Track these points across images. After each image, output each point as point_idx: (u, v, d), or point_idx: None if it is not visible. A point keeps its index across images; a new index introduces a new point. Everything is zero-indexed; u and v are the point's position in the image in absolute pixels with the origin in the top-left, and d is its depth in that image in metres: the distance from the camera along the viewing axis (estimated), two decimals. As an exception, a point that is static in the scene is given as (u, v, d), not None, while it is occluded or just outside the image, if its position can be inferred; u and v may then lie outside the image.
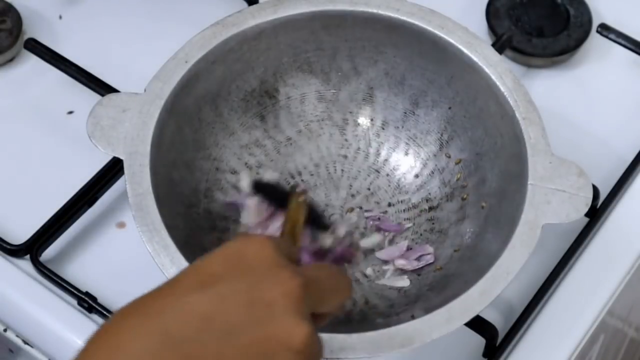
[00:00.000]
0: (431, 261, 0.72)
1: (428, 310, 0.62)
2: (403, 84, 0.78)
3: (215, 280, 0.47)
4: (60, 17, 0.91)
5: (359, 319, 0.69)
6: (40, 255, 0.74)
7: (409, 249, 0.73)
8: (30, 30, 0.89)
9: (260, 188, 0.70)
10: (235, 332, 0.45)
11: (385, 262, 0.73)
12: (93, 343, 0.45)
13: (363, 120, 0.79)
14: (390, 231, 0.74)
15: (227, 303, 0.46)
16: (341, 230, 0.70)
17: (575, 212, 0.66)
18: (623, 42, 0.88)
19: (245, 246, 0.48)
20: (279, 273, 0.47)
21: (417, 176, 0.77)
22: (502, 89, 0.71)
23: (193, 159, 0.74)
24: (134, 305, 0.47)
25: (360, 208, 0.76)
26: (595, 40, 0.89)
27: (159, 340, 0.44)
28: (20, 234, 0.75)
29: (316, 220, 0.68)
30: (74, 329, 0.72)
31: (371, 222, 0.75)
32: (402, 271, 0.72)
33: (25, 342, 0.74)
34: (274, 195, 0.69)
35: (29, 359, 0.74)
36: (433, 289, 0.70)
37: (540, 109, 0.70)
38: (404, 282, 0.72)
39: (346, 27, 0.76)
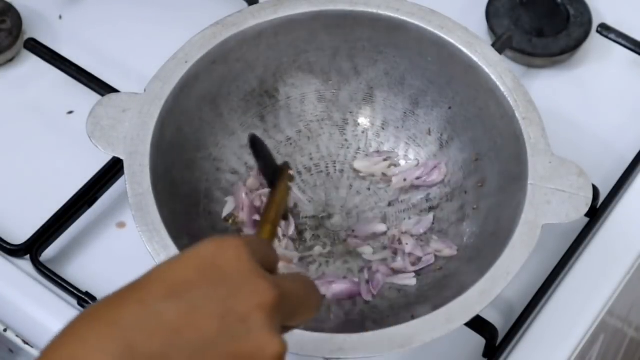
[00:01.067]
0: (431, 262, 0.72)
1: (428, 310, 0.62)
2: (403, 84, 0.78)
3: (186, 289, 0.43)
4: (60, 17, 0.91)
5: (359, 319, 0.69)
6: (40, 255, 0.74)
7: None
8: (30, 30, 0.89)
9: (255, 145, 0.65)
10: (206, 346, 0.42)
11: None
12: (50, 351, 0.42)
13: (363, 120, 0.79)
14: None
15: (198, 314, 0.43)
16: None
17: (575, 212, 0.67)
18: (623, 42, 0.88)
19: (220, 251, 0.45)
20: (255, 283, 0.44)
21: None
22: (502, 89, 0.71)
23: (193, 159, 0.74)
24: (95, 310, 0.44)
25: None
26: (595, 40, 0.89)
27: (122, 354, 0.41)
28: (20, 234, 0.75)
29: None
30: (74, 329, 0.72)
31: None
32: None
33: (25, 342, 0.74)
34: (264, 161, 0.64)
35: (29, 359, 0.74)
36: (433, 289, 0.70)
37: (540, 109, 0.70)
38: (410, 280, 0.72)
39: (346, 27, 0.76)
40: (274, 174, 0.63)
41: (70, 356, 0.41)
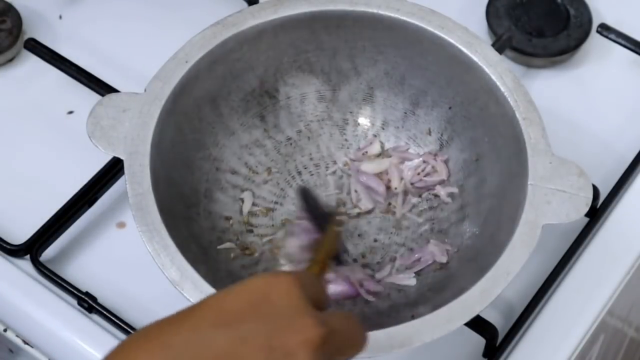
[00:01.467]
0: (430, 262, 0.72)
1: (428, 310, 0.62)
2: (403, 84, 0.78)
3: (236, 320, 0.45)
4: (60, 17, 0.91)
5: (359, 319, 0.69)
6: (40, 255, 0.74)
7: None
8: (30, 30, 0.89)
9: (305, 196, 0.67)
10: None
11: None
12: None
13: (363, 120, 0.79)
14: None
15: (246, 346, 0.44)
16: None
17: (575, 212, 0.66)
18: (623, 42, 0.88)
19: (272, 286, 0.46)
20: (302, 321, 0.46)
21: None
22: (502, 89, 0.71)
23: (193, 159, 0.74)
24: (149, 331, 0.45)
25: None
26: (595, 40, 0.89)
27: None
28: (20, 234, 0.75)
29: (339, 254, 0.65)
30: (74, 329, 0.72)
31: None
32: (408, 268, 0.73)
33: (25, 342, 0.74)
34: (315, 210, 0.66)
35: (29, 359, 0.74)
36: (433, 289, 0.70)
37: (540, 109, 0.70)
38: (410, 280, 0.72)
39: (346, 27, 0.76)
40: (324, 219, 0.64)
41: None
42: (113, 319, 0.71)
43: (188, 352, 0.43)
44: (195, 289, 0.62)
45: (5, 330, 0.74)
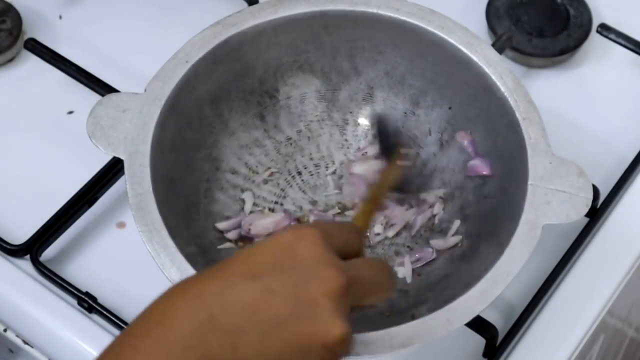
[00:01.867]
0: (433, 257, 0.73)
1: (428, 310, 0.62)
2: (403, 84, 0.78)
3: (264, 272, 0.48)
4: (60, 17, 0.91)
5: (359, 319, 0.69)
6: (40, 255, 0.74)
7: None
8: (30, 30, 0.89)
9: (381, 125, 0.71)
10: (278, 325, 0.47)
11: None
12: (146, 312, 0.48)
13: (363, 121, 0.79)
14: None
15: (273, 296, 0.47)
16: None
17: (575, 212, 0.66)
18: (623, 42, 0.88)
19: (297, 240, 0.50)
20: (324, 272, 0.49)
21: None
22: (502, 89, 0.71)
23: (193, 159, 0.74)
24: (186, 284, 0.49)
25: None
26: (595, 40, 0.89)
27: (205, 324, 0.46)
28: (20, 234, 0.75)
29: (406, 186, 0.68)
30: (74, 329, 0.72)
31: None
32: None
33: (25, 342, 0.74)
34: (387, 139, 0.69)
35: (29, 359, 0.74)
36: (433, 289, 0.70)
37: (540, 109, 0.70)
38: (403, 271, 0.72)
39: (346, 27, 0.76)
40: (391, 149, 0.67)
41: (159, 318, 0.47)
42: (113, 319, 0.71)
43: (219, 301, 0.47)
44: (195, 289, 0.62)
45: (5, 330, 0.74)
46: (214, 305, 0.47)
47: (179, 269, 0.63)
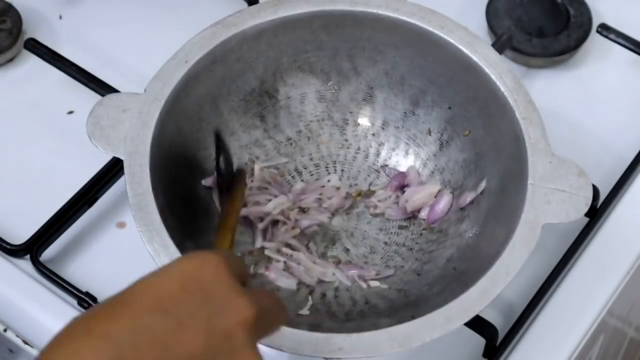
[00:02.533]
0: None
1: (428, 310, 0.62)
2: (403, 84, 0.78)
3: (173, 304, 0.45)
4: (60, 17, 0.91)
5: (359, 319, 0.69)
6: (40, 255, 0.74)
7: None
8: (30, 30, 0.89)
9: (220, 142, 0.69)
10: None
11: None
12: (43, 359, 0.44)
13: (363, 120, 0.79)
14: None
15: (186, 330, 0.44)
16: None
17: (575, 212, 0.67)
18: (623, 42, 0.88)
19: (201, 267, 0.47)
20: (236, 301, 0.47)
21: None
22: (502, 89, 0.71)
23: (193, 159, 0.74)
24: (86, 322, 0.45)
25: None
26: (595, 40, 0.89)
27: None
28: (20, 234, 0.75)
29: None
30: (74, 329, 0.72)
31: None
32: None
33: (25, 342, 0.74)
34: (225, 165, 0.67)
35: (29, 359, 0.74)
36: (433, 289, 0.70)
37: (540, 109, 0.70)
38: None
39: (346, 27, 0.76)
40: (231, 178, 0.65)
41: None
42: (113, 319, 0.71)
43: (128, 342, 0.43)
44: (195, 289, 0.62)
45: (5, 330, 0.74)
46: (123, 345, 0.43)
47: (179, 268, 0.62)
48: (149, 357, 0.43)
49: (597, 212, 0.78)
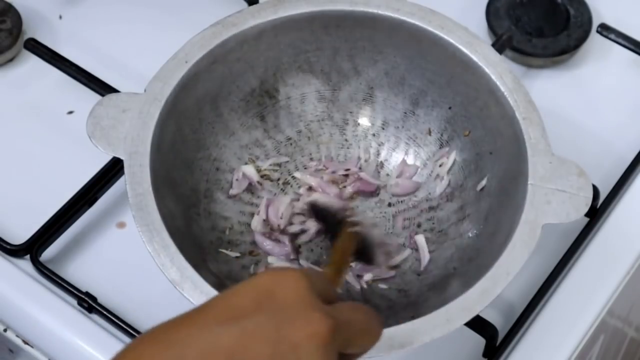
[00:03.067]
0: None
1: (428, 310, 0.62)
2: (403, 84, 0.78)
3: (242, 315, 0.45)
4: (60, 17, 0.91)
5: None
6: (40, 255, 0.74)
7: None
8: (30, 30, 0.89)
9: (316, 211, 0.68)
10: None
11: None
12: None
13: (363, 120, 0.79)
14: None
15: (252, 340, 0.44)
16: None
17: (575, 212, 0.66)
18: (623, 42, 0.88)
19: (278, 282, 0.46)
20: (309, 314, 0.45)
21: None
22: (502, 89, 0.71)
23: (193, 159, 0.74)
24: (156, 332, 0.45)
25: None
26: (595, 40, 0.89)
27: None
28: (20, 234, 0.75)
29: (367, 253, 0.65)
30: (74, 329, 0.72)
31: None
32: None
33: (25, 342, 0.74)
34: (328, 220, 0.66)
35: (29, 359, 0.74)
36: (433, 289, 0.70)
37: (540, 109, 0.70)
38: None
39: (346, 27, 0.76)
40: (337, 226, 0.63)
41: None
42: (113, 319, 0.71)
43: (193, 348, 0.44)
44: (195, 289, 0.62)
45: (5, 330, 0.74)
46: (187, 352, 0.43)
47: (179, 269, 0.63)
48: None
49: (597, 212, 0.78)
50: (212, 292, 0.62)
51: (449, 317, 0.62)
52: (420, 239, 0.73)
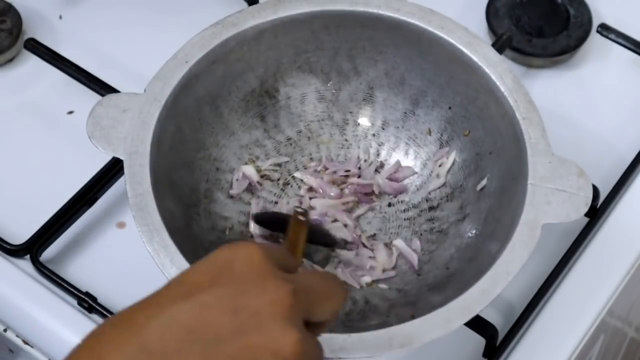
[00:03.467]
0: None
1: (428, 310, 0.62)
2: (403, 84, 0.78)
3: (200, 290, 0.45)
4: (60, 17, 0.91)
5: (359, 319, 0.69)
6: (40, 255, 0.74)
7: None
8: (30, 30, 0.89)
9: (261, 221, 0.70)
10: (219, 341, 0.44)
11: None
12: (75, 354, 0.45)
13: (363, 120, 0.79)
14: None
15: (210, 312, 0.44)
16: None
17: (575, 212, 0.67)
18: (623, 42, 0.88)
19: (233, 254, 0.47)
20: (267, 281, 0.46)
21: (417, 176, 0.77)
22: (502, 89, 0.71)
23: (193, 159, 0.74)
24: (118, 318, 0.46)
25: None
26: (595, 40, 0.89)
27: (138, 353, 0.43)
28: (20, 234, 0.75)
29: (323, 239, 0.66)
30: (74, 329, 0.72)
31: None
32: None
33: (25, 342, 0.74)
34: (276, 224, 0.67)
35: (29, 359, 0.74)
36: (433, 289, 0.70)
37: (540, 109, 0.70)
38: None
39: (346, 27, 0.76)
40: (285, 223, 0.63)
41: (88, 355, 0.44)
42: (113, 319, 0.71)
43: (151, 326, 0.44)
44: (195, 289, 0.62)
45: (5, 330, 0.74)
46: (148, 332, 0.44)
47: (179, 269, 0.63)
48: (172, 339, 0.44)
49: (597, 212, 0.78)
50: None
51: (449, 317, 0.62)
52: (399, 243, 0.73)
